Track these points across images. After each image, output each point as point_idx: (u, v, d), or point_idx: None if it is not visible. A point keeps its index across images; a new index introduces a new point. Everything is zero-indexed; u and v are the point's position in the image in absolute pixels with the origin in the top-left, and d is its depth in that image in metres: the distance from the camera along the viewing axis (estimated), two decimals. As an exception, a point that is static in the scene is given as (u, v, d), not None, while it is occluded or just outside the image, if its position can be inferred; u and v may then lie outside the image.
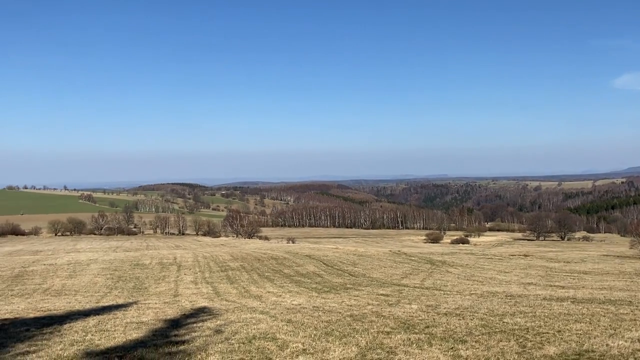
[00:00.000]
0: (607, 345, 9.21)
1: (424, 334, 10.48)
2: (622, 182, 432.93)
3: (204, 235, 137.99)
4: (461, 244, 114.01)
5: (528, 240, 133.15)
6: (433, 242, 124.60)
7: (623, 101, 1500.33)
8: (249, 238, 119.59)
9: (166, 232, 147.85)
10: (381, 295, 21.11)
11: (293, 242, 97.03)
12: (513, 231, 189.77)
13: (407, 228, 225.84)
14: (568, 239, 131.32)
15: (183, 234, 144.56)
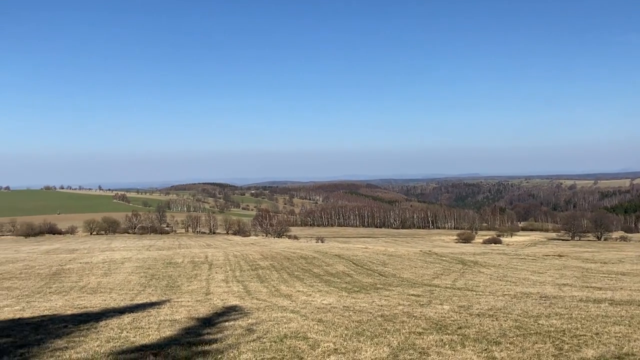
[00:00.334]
0: (649, 349, 8.91)
1: (457, 335, 10.34)
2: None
3: (234, 234, 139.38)
4: (493, 244, 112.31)
5: (563, 240, 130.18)
6: (464, 242, 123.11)
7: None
8: (279, 237, 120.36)
9: (197, 231, 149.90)
10: (412, 295, 20.93)
11: (322, 242, 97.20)
12: (547, 231, 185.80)
13: (438, 228, 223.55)
14: (605, 239, 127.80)
15: (214, 233, 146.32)
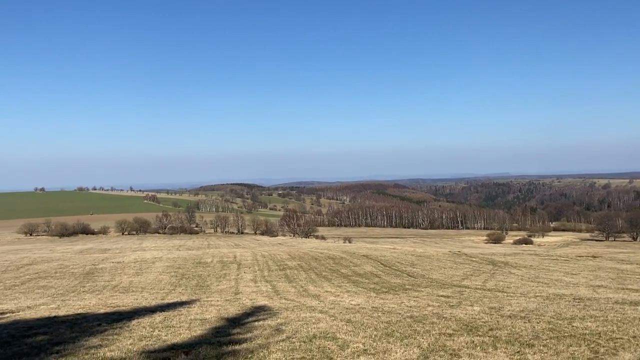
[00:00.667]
0: (690, 353, 8.62)
1: (488, 337, 10.18)
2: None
3: (262, 234, 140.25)
4: (524, 245, 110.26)
5: (596, 240, 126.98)
6: (494, 243, 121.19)
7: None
8: (306, 237, 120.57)
9: (226, 231, 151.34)
10: (441, 296, 20.71)
11: (350, 242, 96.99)
12: (580, 231, 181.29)
13: (467, 228, 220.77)
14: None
15: (242, 233, 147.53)
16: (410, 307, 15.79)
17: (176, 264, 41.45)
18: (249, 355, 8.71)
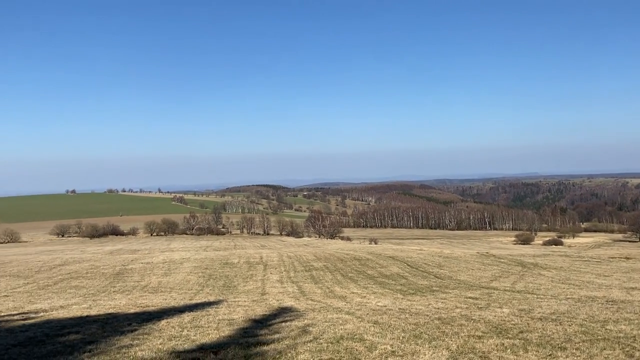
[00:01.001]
0: None
1: (518, 339, 10.01)
2: None
3: (288, 235, 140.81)
4: (554, 246, 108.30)
5: (630, 241, 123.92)
6: (523, 244, 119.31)
7: None
8: (331, 238, 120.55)
9: (252, 232, 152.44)
10: (469, 298, 20.45)
11: (375, 243, 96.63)
12: (612, 232, 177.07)
13: (495, 229, 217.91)
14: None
15: (268, 234, 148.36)
16: (437, 309, 15.64)
17: (203, 265, 41.88)
18: (277, 356, 8.74)
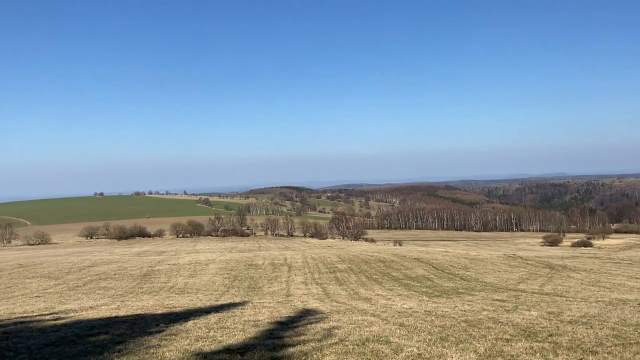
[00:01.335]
0: None
1: (548, 343, 9.82)
2: None
3: (311, 237, 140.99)
4: (583, 247, 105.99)
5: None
6: (551, 245, 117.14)
7: None
8: (355, 240, 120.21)
9: (276, 234, 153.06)
10: (496, 300, 20.17)
11: (400, 245, 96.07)
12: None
13: (522, 230, 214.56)
14: None
15: (291, 236, 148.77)
16: (464, 311, 15.46)
17: (229, 266, 42.23)
18: (303, 358, 8.74)
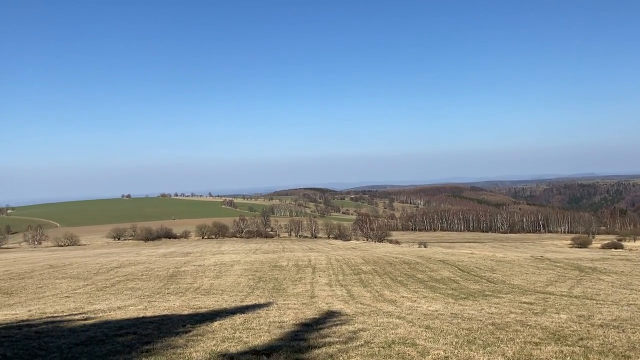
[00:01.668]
0: None
1: (578, 347, 9.61)
2: None
3: (335, 238, 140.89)
4: (613, 249, 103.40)
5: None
6: (580, 247, 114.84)
7: None
8: (379, 242, 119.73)
9: (299, 235, 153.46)
10: (524, 303, 19.85)
11: (425, 247, 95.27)
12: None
13: (550, 232, 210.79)
14: None
15: (315, 237, 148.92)
16: (491, 314, 15.25)
17: (253, 267, 42.47)
18: (329, 358, 8.73)
